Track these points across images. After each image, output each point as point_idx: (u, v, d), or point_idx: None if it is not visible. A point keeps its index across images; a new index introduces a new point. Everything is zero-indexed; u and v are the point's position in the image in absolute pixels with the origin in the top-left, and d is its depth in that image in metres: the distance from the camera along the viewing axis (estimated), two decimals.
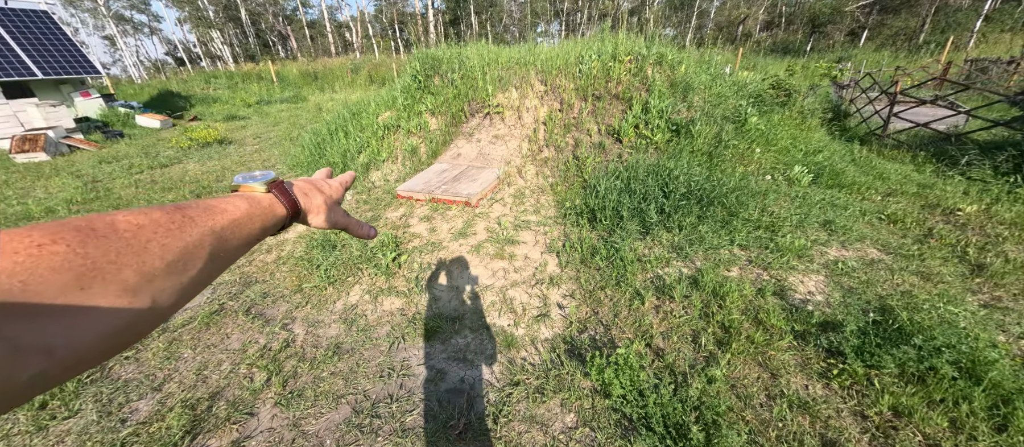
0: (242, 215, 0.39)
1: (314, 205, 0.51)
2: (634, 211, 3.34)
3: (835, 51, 22.95)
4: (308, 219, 0.51)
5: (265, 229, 0.43)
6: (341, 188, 0.59)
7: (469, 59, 5.99)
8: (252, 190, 0.45)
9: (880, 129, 5.74)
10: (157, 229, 0.31)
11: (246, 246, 0.41)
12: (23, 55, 9.51)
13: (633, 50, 5.27)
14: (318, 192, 0.52)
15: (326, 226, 0.53)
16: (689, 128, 4.44)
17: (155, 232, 0.30)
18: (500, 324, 2.48)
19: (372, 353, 2.24)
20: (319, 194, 0.52)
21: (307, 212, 0.51)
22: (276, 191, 0.46)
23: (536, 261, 3.12)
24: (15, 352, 0.22)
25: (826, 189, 4.08)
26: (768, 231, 3.19)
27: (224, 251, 0.37)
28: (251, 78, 21.87)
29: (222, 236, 0.36)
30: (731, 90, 5.50)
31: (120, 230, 0.28)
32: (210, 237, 0.35)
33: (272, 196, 0.45)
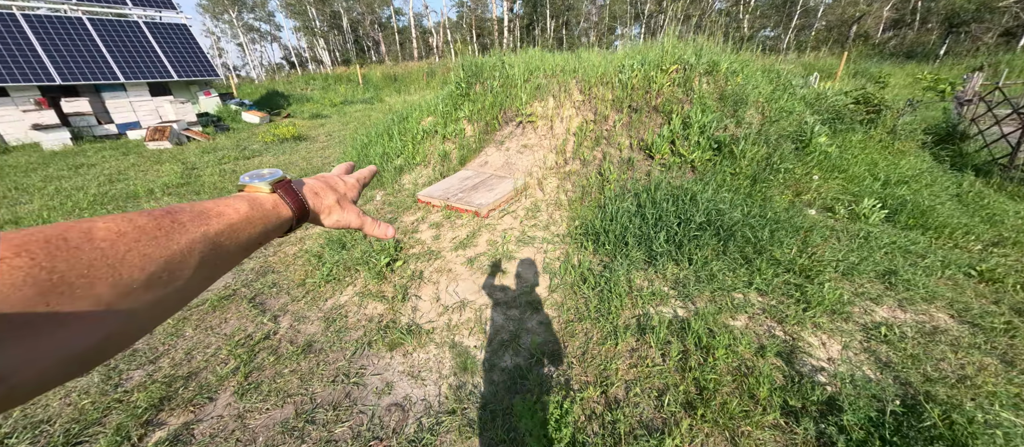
0: (240, 219, 0.38)
1: (325, 205, 0.50)
2: (641, 237, 3.05)
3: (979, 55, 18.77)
4: (320, 219, 0.50)
5: (268, 232, 0.42)
6: (358, 185, 0.57)
7: (511, 67, 6.00)
8: (257, 190, 0.44)
9: (1007, 158, 4.54)
10: (140, 237, 0.29)
11: (246, 250, 0.39)
12: (165, 60, 11.64)
13: (681, 58, 4.84)
14: (330, 191, 0.51)
15: (339, 226, 0.52)
16: (732, 147, 3.94)
17: (136, 241, 0.29)
18: (466, 344, 2.42)
19: (336, 356, 2.33)
20: (331, 193, 0.51)
21: (318, 212, 0.49)
22: (281, 191, 0.45)
23: (526, 282, 3.00)
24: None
25: (903, 230, 3.34)
26: (802, 276, 2.70)
27: (219, 257, 0.35)
28: (342, 80, 24.36)
29: (216, 242, 0.35)
30: (800, 104, 4.78)
31: (96, 240, 0.27)
32: (201, 244, 0.33)
33: (276, 197, 0.44)
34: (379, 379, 2.16)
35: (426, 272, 3.17)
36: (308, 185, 0.49)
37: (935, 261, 2.90)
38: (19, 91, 9.36)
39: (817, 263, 2.78)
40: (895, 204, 3.54)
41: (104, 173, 6.69)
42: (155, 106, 11.34)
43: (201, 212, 0.35)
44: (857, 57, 20.15)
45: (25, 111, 9.28)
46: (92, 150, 8.74)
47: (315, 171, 6.42)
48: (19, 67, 9.23)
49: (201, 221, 0.34)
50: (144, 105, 11.24)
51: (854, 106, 4.92)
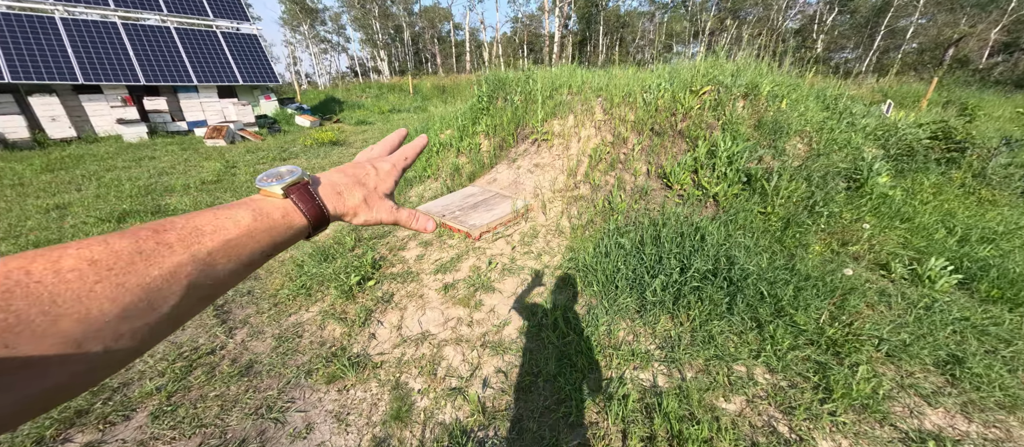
0: (240, 233, 0.34)
1: (350, 205, 0.44)
2: (634, 281, 2.65)
3: None
4: (345, 219, 0.45)
5: (278, 244, 0.38)
6: (395, 171, 0.50)
7: (534, 82, 5.78)
8: (269, 195, 0.39)
9: None
10: (114, 264, 0.26)
11: (251, 266, 0.35)
12: (234, 66, 12.77)
13: (714, 79, 4.34)
14: (357, 186, 0.45)
15: (370, 224, 0.47)
16: (764, 182, 3.40)
17: (110, 269, 0.26)
18: (410, 387, 2.17)
19: (270, 383, 2.17)
20: (358, 189, 0.45)
21: (341, 214, 0.44)
22: (296, 196, 0.39)
23: (500, 318, 2.70)
24: None
25: (981, 303, 2.63)
26: (829, 352, 2.16)
27: (214, 278, 0.32)
28: (394, 90, 25.55)
29: (208, 262, 0.31)
30: (859, 136, 4.09)
31: (63, 271, 0.24)
32: (190, 266, 0.30)
33: (288, 204, 0.39)
34: (302, 418, 1.96)
35: (397, 296, 2.97)
36: (329, 183, 0.43)
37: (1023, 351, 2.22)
38: (110, 89, 10.64)
39: (853, 337, 2.22)
40: (974, 267, 2.82)
41: (159, 166, 7.31)
42: (221, 107, 12.43)
43: (194, 229, 0.31)
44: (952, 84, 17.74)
45: (112, 106, 10.53)
46: (161, 144, 9.67)
47: None
48: (112, 68, 10.52)
49: (192, 239, 0.31)
50: (212, 105, 12.36)
51: (930, 141, 4.12)
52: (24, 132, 9.54)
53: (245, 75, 12.87)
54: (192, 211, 0.33)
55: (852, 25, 34.81)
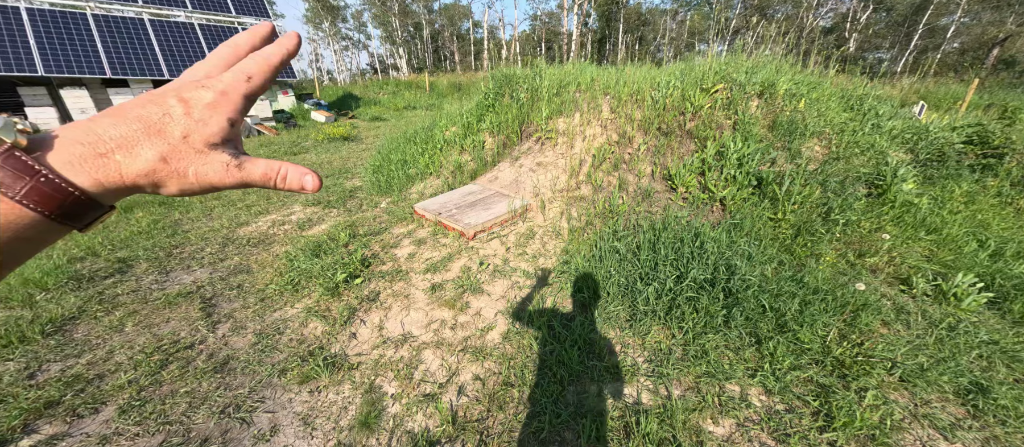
0: None
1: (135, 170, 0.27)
2: (625, 288, 2.50)
3: None
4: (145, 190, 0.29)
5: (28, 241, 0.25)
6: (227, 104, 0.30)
7: (541, 79, 5.66)
8: None
9: None
10: None
11: None
12: None
13: (727, 76, 4.12)
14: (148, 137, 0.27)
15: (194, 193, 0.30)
16: (775, 186, 3.19)
17: None
18: (384, 391, 2.09)
19: (243, 381, 2.13)
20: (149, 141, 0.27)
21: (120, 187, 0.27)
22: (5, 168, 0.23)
23: (485, 321, 2.60)
24: None
25: (1014, 324, 2.38)
26: (835, 373, 1.98)
27: None
28: (411, 86, 25.73)
29: None
30: (884, 139, 3.81)
31: None
32: None
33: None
34: (269, 419, 1.91)
35: (383, 294, 2.91)
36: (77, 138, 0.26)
37: None
38: (136, 83, 11.01)
39: (863, 358, 2.03)
40: (1008, 285, 2.56)
41: None
42: None
43: None
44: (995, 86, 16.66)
45: None
46: None
47: (349, 172, 6.54)
48: (139, 62, 10.88)
49: None
50: None
51: (964, 146, 3.79)
52: (55, 123, 9.97)
53: None
54: None
55: (888, 23, 33.14)
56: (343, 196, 5.23)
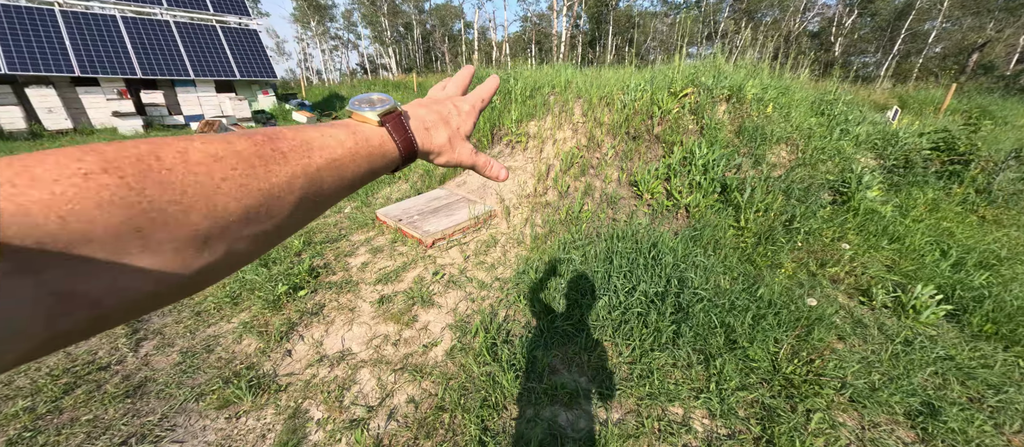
0: (344, 154, 0.32)
1: (437, 144, 0.41)
2: (574, 303, 2.40)
3: None
4: (429, 158, 0.42)
5: (375, 171, 0.36)
6: (474, 113, 0.47)
7: (515, 81, 5.55)
8: (364, 120, 0.36)
9: None
10: (238, 164, 0.25)
11: (350, 188, 0.34)
12: (232, 61, 12.77)
13: (697, 80, 4.05)
14: (444, 125, 0.42)
15: (450, 165, 0.44)
16: (737, 193, 3.11)
17: (233, 168, 0.25)
18: (311, 416, 1.96)
19: (155, 406, 1.97)
20: (444, 127, 0.42)
21: (428, 151, 0.41)
22: (390, 125, 0.37)
23: (431, 336, 2.47)
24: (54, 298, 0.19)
25: (971, 338, 2.31)
26: (782, 393, 1.88)
27: (320, 194, 0.31)
28: (400, 87, 25.49)
29: (316, 178, 0.30)
30: (851, 145, 3.76)
31: (191, 162, 0.24)
32: (302, 179, 0.29)
33: (384, 132, 0.36)
34: None
35: (328, 307, 2.76)
36: (417, 117, 0.40)
37: (1015, 400, 1.91)
38: (107, 82, 10.70)
39: (814, 377, 1.94)
40: (967, 297, 2.50)
41: None
42: (218, 101, 12.44)
43: (303, 142, 0.30)
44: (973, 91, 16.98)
45: (109, 99, 10.58)
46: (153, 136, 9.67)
47: None
48: (110, 61, 10.56)
49: (303, 153, 0.29)
50: (209, 100, 12.38)
51: (931, 152, 3.76)
52: (21, 123, 9.62)
53: (243, 70, 12.87)
54: None
55: (872, 28, 33.69)
56: None
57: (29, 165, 0.19)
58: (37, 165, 0.19)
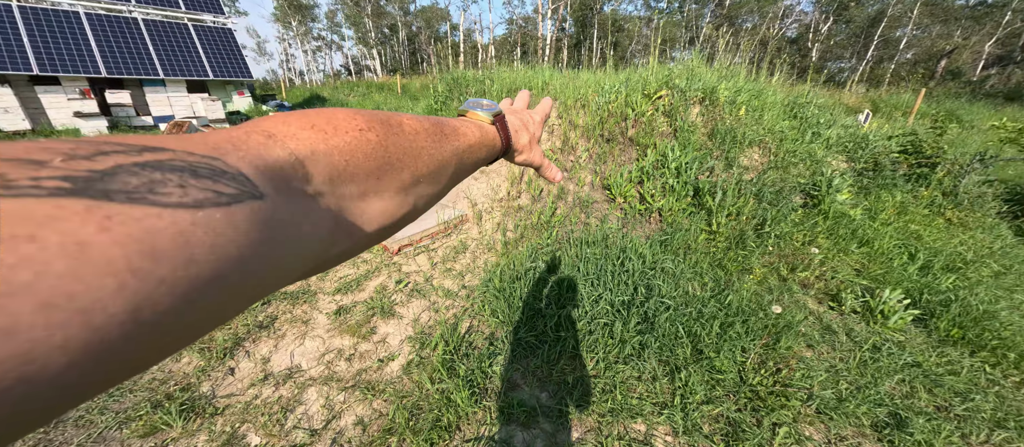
0: (476, 141, 0.39)
1: (521, 144, 0.49)
2: (538, 312, 2.29)
3: None
4: (513, 156, 0.49)
5: (487, 159, 0.43)
6: (542, 124, 0.55)
7: (492, 82, 5.45)
8: (478, 119, 0.44)
9: None
10: (428, 138, 0.32)
11: (471, 169, 0.41)
12: (205, 61, 12.36)
13: (671, 82, 4.01)
14: (524, 129, 0.50)
15: (524, 164, 0.52)
16: (709, 197, 3.06)
17: (427, 140, 0.31)
18: (249, 441, 1.80)
19: (72, 435, 1.79)
20: (525, 132, 0.50)
21: (515, 150, 0.49)
22: (499, 124, 0.45)
23: (388, 350, 2.33)
24: (335, 226, 0.24)
25: (938, 343, 2.29)
26: (749, 406, 1.81)
27: (460, 171, 0.38)
28: (383, 89, 25.15)
29: (462, 157, 0.37)
30: (822, 148, 3.76)
31: (406, 131, 0.30)
32: (455, 156, 0.35)
33: (495, 129, 0.44)
34: None
35: (281, 319, 2.60)
36: (511, 122, 0.48)
37: (982, 407, 1.87)
38: (69, 81, 10.22)
39: (781, 388, 1.87)
40: (934, 301, 2.48)
41: None
42: (189, 102, 12.02)
43: (454, 128, 0.36)
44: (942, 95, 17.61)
45: (70, 99, 10.10)
46: None
47: None
48: (72, 59, 10.09)
49: (456, 136, 0.36)
50: (181, 100, 11.95)
51: (900, 155, 3.78)
52: None
53: (217, 70, 12.47)
54: None
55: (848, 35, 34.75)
56: None
57: (330, 119, 0.25)
58: (335, 118, 0.25)
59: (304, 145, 0.23)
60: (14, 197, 0.12)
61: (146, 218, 0.14)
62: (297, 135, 0.23)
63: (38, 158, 0.13)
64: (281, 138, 0.22)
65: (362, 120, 0.26)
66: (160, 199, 0.15)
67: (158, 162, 0.16)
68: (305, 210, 0.22)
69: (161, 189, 0.15)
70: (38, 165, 0.13)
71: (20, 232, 0.12)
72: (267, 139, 0.22)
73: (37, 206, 0.12)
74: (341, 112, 0.26)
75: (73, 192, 0.13)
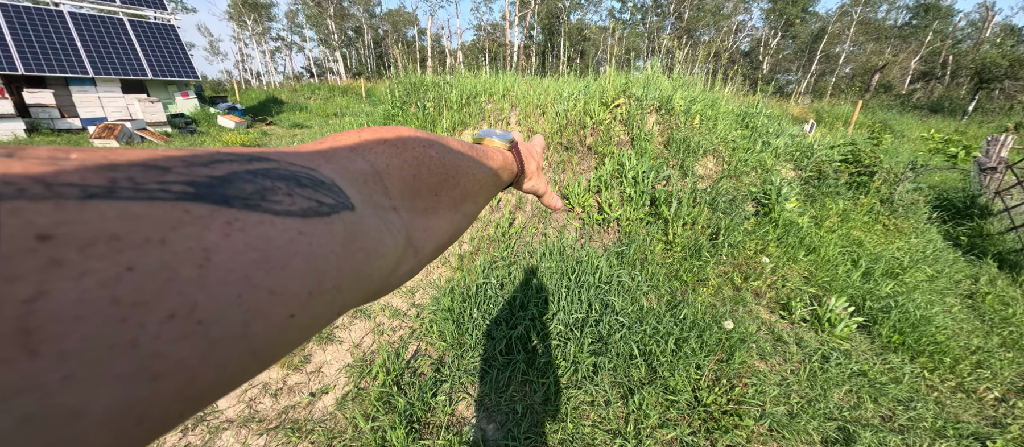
0: (500, 165, 0.40)
1: (529, 170, 0.50)
2: (486, 333, 2.14)
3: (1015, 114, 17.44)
4: (522, 182, 0.50)
5: (505, 184, 0.44)
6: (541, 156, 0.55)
7: (451, 87, 5.28)
8: (495, 145, 0.44)
9: None
10: (472, 159, 0.33)
11: (495, 194, 0.41)
12: (143, 59, 11.42)
13: (628, 90, 4.00)
14: (531, 158, 0.51)
15: (530, 191, 0.52)
16: (664, 206, 3.03)
17: (471, 160, 0.32)
18: None
19: None
20: (532, 160, 0.51)
21: (525, 177, 0.49)
22: (514, 151, 0.46)
23: (323, 382, 2.10)
24: (408, 241, 0.24)
25: (882, 350, 2.34)
26: (703, 428, 1.73)
27: (492, 191, 0.38)
28: (347, 92, 24.34)
29: (492, 179, 0.37)
30: (771, 157, 3.86)
31: (454, 150, 0.30)
32: (491, 176, 0.36)
33: (511, 155, 0.44)
34: None
35: None
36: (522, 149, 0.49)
37: (923, 416, 1.89)
38: None
39: (734, 405, 1.81)
40: (876, 308, 2.54)
41: None
42: (125, 103, 11.05)
43: (485, 151, 0.38)
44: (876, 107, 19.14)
45: None
46: (38, 144, 8.31)
47: None
48: None
49: (487, 158, 0.37)
50: (114, 101, 10.96)
51: (841, 164, 3.96)
52: None
53: (157, 69, 11.56)
54: None
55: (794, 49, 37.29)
56: None
57: (399, 134, 0.26)
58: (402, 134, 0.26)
59: (382, 159, 0.23)
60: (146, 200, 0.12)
61: (261, 224, 0.14)
62: (376, 149, 0.24)
63: (161, 164, 0.14)
64: (362, 152, 0.23)
65: (424, 138, 0.27)
66: (272, 206, 0.15)
67: (267, 170, 0.16)
68: (387, 223, 0.22)
69: (272, 197, 0.15)
70: (163, 171, 0.13)
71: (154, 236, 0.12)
72: (350, 152, 0.22)
73: (168, 210, 0.12)
74: (406, 129, 0.27)
75: (197, 197, 0.13)
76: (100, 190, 0.12)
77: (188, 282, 0.12)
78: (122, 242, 0.11)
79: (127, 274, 0.11)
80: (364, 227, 0.19)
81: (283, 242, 0.14)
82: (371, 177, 0.22)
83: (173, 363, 0.11)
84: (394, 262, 0.22)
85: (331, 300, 0.17)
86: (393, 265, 0.22)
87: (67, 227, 0.10)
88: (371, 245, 0.19)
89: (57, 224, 0.10)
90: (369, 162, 0.22)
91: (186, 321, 0.11)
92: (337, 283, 0.17)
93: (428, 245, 0.26)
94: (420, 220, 0.25)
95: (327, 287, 0.16)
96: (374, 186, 0.22)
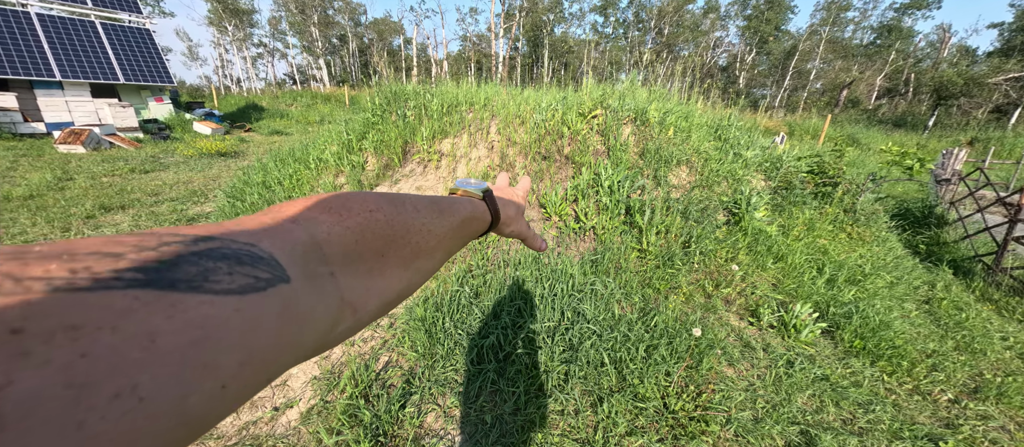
0: (468, 215, 0.41)
1: (509, 215, 0.51)
2: (458, 343, 2.12)
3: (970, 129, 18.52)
4: (502, 229, 0.51)
5: (477, 234, 0.45)
6: (524, 198, 0.60)
7: (431, 96, 5.28)
8: (469, 195, 0.46)
9: (993, 256, 3.69)
10: (429, 214, 0.34)
11: (463, 245, 0.42)
12: (115, 62, 11.08)
13: (604, 101, 4.09)
14: (512, 204, 0.53)
15: (512, 236, 0.53)
16: (638, 215, 3.08)
17: (427, 216, 0.33)
18: None
19: None
20: (513, 206, 0.53)
21: (504, 223, 0.50)
22: (488, 200, 0.47)
23: (288, 395, 2.04)
24: (341, 302, 0.25)
25: (844, 355, 2.41)
26: (671, 435, 1.75)
27: (455, 244, 0.38)
28: (330, 100, 24.08)
29: (457, 231, 0.38)
30: (742, 167, 3.98)
31: (408, 209, 0.32)
32: (451, 230, 0.37)
33: (484, 204, 0.46)
34: None
35: None
36: (498, 197, 0.50)
37: (881, 418, 1.95)
38: None
39: (702, 411, 1.83)
40: (839, 314, 2.63)
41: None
42: (94, 107, 10.66)
43: (450, 204, 0.38)
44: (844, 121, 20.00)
45: None
46: None
47: (203, 197, 5.56)
48: None
49: (452, 211, 0.38)
50: (82, 106, 10.56)
51: (807, 175, 4.12)
52: None
53: (129, 73, 11.22)
54: None
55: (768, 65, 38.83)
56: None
57: (345, 202, 0.27)
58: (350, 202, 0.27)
59: (322, 228, 0.25)
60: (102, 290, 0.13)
61: (201, 305, 0.15)
62: (317, 218, 0.25)
63: (114, 251, 0.15)
64: (303, 222, 0.24)
65: (372, 202, 0.28)
66: (213, 286, 0.16)
67: (210, 250, 0.18)
68: (321, 290, 0.23)
69: (213, 277, 0.17)
70: (116, 257, 0.15)
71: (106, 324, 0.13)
72: (292, 224, 0.24)
73: (119, 298, 0.14)
74: (355, 196, 0.28)
75: (147, 283, 0.15)
76: (62, 283, 0.13)
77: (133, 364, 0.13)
78: (79, 331, 0.12)
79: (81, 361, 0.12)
80: (297, 297, 0.20)
81: (220, 320, 0.16)
82: (310, 247, 0.23)
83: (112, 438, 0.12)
84: (328, 325, 0.23)
85: (262, 368, 0.18)
86: (328, 327, 0.23)
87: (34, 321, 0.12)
88: (304, 313, 0.21)
89: (25, 318, 0.12)
90: (309, 233, 0.23)
91: (129, 398, 0.13)
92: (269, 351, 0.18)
93: (370, 304, 0.27)
94: (362, 282, 0.26)
95: (258, 357, 0.17)
96: (312, 255, 0.23)
